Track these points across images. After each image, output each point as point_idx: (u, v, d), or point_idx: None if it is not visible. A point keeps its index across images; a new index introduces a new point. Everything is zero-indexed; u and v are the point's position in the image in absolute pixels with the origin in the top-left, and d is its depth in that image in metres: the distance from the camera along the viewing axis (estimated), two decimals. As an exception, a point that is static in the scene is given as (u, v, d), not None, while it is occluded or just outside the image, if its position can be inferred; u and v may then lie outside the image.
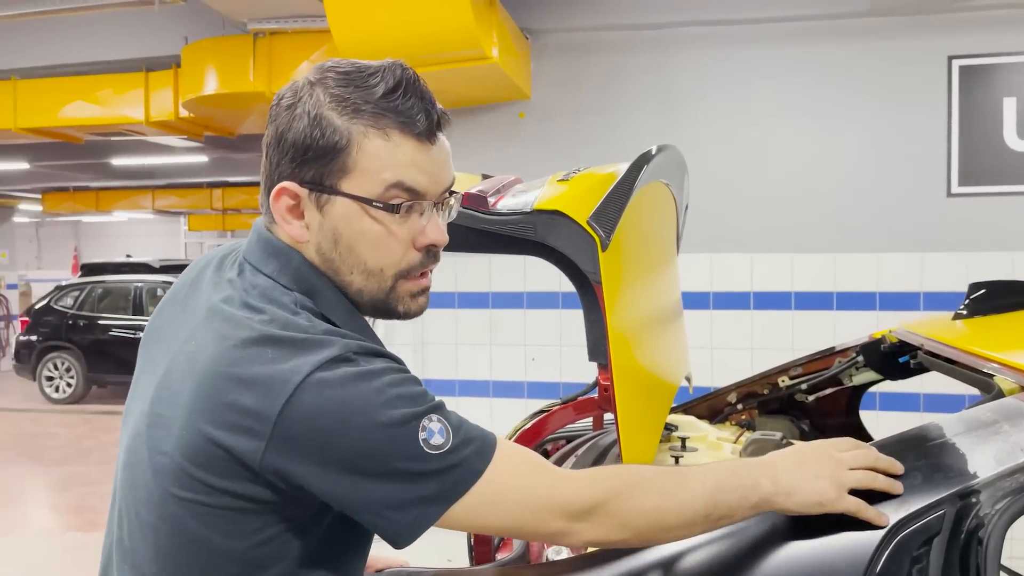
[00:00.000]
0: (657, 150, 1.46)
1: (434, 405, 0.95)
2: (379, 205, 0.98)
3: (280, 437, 0.89)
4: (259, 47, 4.54)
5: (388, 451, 0.90)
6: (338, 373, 0.91)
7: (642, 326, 1.39)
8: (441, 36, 3.83)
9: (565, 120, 4.92)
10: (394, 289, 1.03)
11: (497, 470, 0.95)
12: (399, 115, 0.98)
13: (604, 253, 1.18)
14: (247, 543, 0.95)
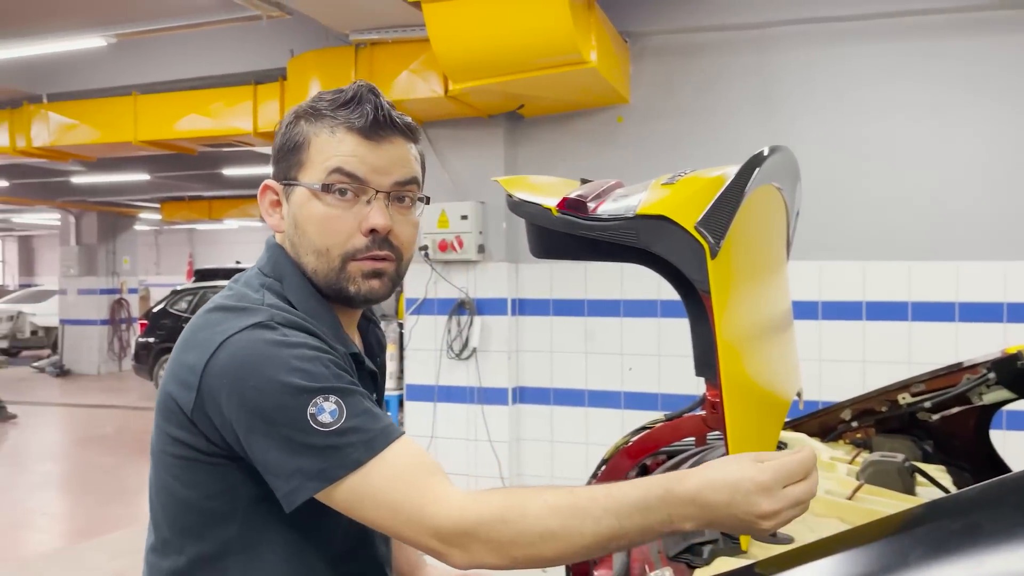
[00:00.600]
0: (770, 151, 1.37)
1: (337, 388, 1.02)
2: (318, 187, 1.13)
3: (204, 389, 1.03)
4: (360, 58, 4.62)
5: (276, 415, 1.00)
6: (254, 335, 1.04)
7: (753, 338, 1.30)
8: (539, 41, 3.80)
9: (665, 124, 4.81)
10: (344, 270, 1.15)
11: (378, 468, 0.99)
12: (347, 116, 1.14)
13: (713, 261, 1.11)
14: (200, 493, 1.08)
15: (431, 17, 3.82)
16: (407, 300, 5.30)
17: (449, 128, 5.07)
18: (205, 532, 1.09)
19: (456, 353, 5.10)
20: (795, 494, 0.93)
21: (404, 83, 4.53)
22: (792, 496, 0.93)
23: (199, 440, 1.06)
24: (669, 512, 0.94)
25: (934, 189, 4.26)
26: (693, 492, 0.93)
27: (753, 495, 0.91)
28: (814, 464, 0.96)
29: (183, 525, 1.10)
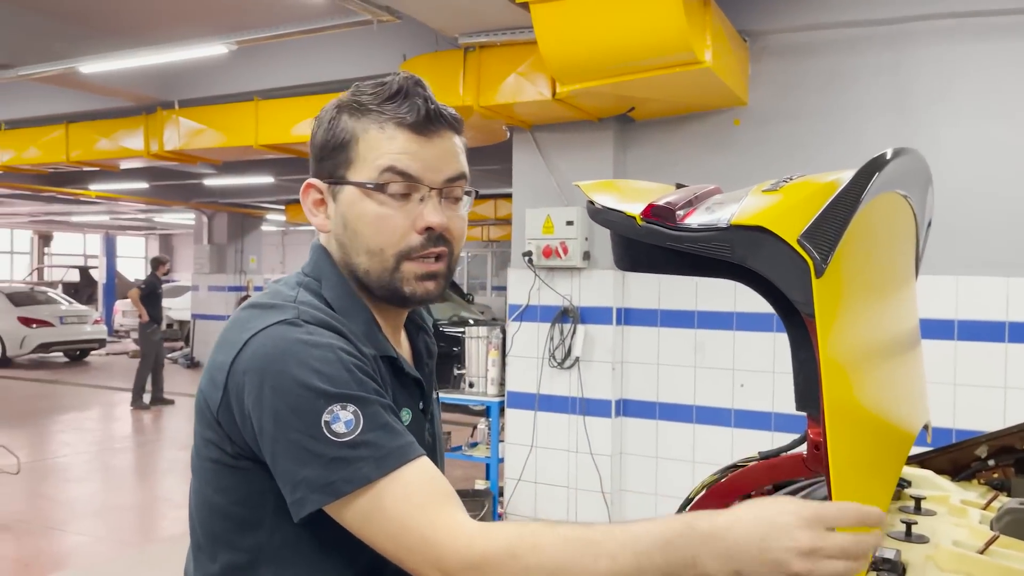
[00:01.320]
0: (893, 154, 1.20)
1: (357, 397, 0.96)
2: (371, 186, 1.08)
3: (230, 386, 1.00)
4: (469, 61, 4.59)
5: (290, 417, 0.95)
6: (278, 331, 1.00)
7: (868, 367, 1.13)
8: (650, 41, 3.65)
9: (785, 126, 4.55)
10: (398, 270, 1.10)
11: (388, 488, 0.93)
12: (396, 111, 1.09)
13: (819, 280, 0.96)
14: (228, 498, 1.04)
15: (539, 18, 3.74)
16: (511, 306, 5.24)
17: (557, 132, 4.98)
18: (235, 539, 1.05)
19: (558, 362, 4.99)
20: (842, 542, 0.81)
21: (512, 86, 4.47)
22: (838, 543, 0.81)
23: (225, 441, 1.03)
24: (693, 551, 0.84)
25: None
26: (722, 528, 0.84)
27: (794, 528, 0.82)
28: (879, 521, 0.84)
29: (215, 531, 1.07)
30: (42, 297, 15.50)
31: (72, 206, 16.45)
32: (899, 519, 1.48)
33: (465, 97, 4.60)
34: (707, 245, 1.06)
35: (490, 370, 5.57)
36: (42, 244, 25.49)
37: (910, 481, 1.81)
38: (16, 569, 4.80)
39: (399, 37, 5.06)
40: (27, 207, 17.50)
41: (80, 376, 13.76)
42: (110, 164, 7.85)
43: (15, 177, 10.64)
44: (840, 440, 0.96)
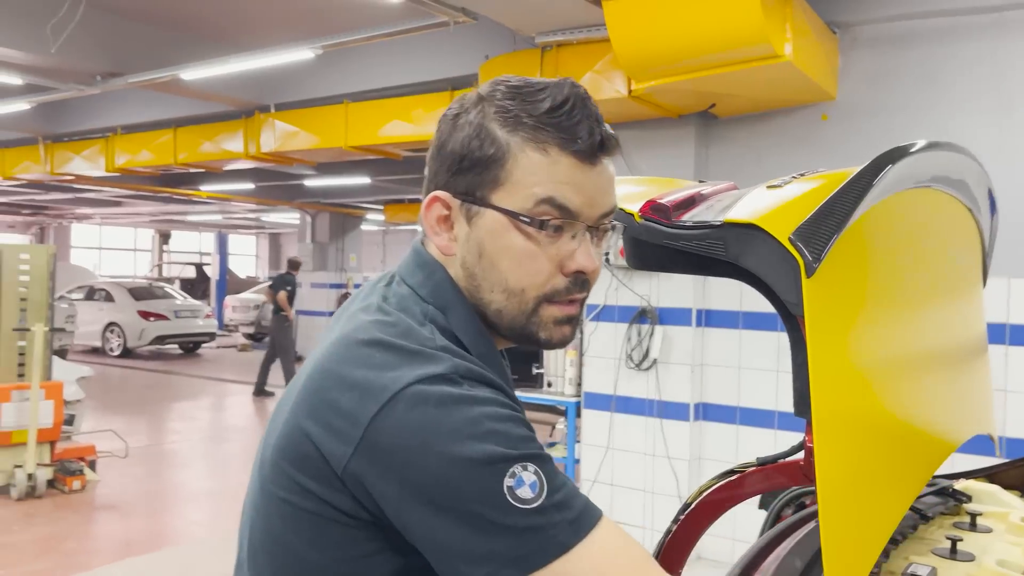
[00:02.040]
0: (921, 147, 1.13)
1: (535, 455, 0.84)
2: (526, 220, 0.93)
3: (366, 446, 0.84)
4: (546, 60, 4.60)
5: (465, 488, 0.81)
6: (436, 391, 0.84)
7: (881, 373, 1.07)
8: (726, 36, 3.56)
9: (877, 121, 4.34)
10: (536, 312, 0.97)
11: (589, 553, 0.82)
12: (560, 131, 0.93)
13: (810, 280, 0.91)
14: (328, 556, 0.90)
15: (611, 15, 3.71)
16: (588, 306, 5.21)
17: (636, 129, 4.92)
18: None
19: (635, 363, 4.93)
20: None
21: (588, 84, 4.44)
22: None
23: (344, 500, 0.87)
24: None
25: None
26: None
27: None
28: None
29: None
30: (159, 292, 16.46)
31: (187, 206, 17.41)
32: (945, 535, 1.40)
33: (542, 96, 4.60)
34: (701, 243, 1.03)
35: (568, 370, 5.57)
36: (162, 242, 27.08)
37: (970, 496, 1.70)
38: (119, 546, 5.12)
39: (479, 37, 5.12)
40: (148, 207, 18.65)
41: (192, 367, 14.54)
42: (214, 166, 8.26)
43: (134, 179, 11.35)
44: (829, 447, 0.91)
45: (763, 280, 1.00)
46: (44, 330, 5.95)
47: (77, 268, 19.79)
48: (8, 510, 5.62)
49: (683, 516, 1.22)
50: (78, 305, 14.98)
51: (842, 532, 0.90)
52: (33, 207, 20.13)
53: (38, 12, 5.30)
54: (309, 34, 5.14)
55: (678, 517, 1.22)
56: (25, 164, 9.99)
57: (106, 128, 8.64)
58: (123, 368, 14.01)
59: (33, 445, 5.83)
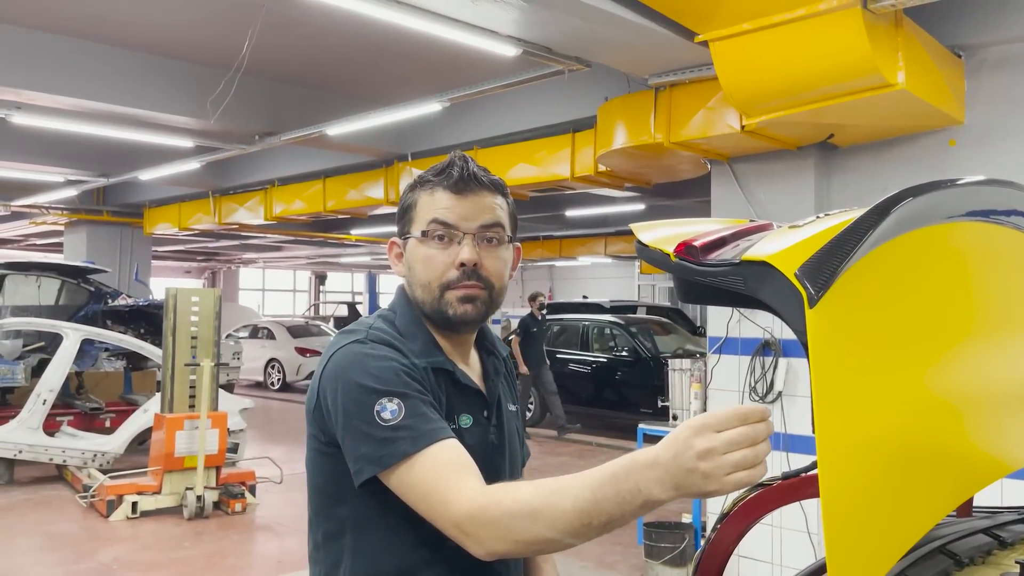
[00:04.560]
0: (946, 185, 1.21)
1: (401, 392, 1.24)
2: (420, 235, 1.39)
3: (319, 390, 1.31)
4: (660, 100, 4.73)
5: (352, 409, 1.24)
6: (351, 348, 1.31)
7: (904, 401, 1.15)
8: (832, 68, 3.58)
9: (1009, 144, 4.17)
10: (442, 298, 1.37)
11: (420, 461, 1.18)
12: (440, 179, 1.39)
13: (813, 311, 1.03)
14: (324, 478, 1.34)
15: (717, 54, 3.81)
16: (710, 339, 5.23)
17: (754, 163, 4.94)
18: (329, 512, 1.34)
19: (760, 396, 4.89)
20: (730, 435, 0.96)
21: (701, 121, 4.54)
22: (726, 438, 0.96)
23: (319, 432, 1.32)
24: (635, 479, 1.00)
25: None
26: (652, 456, 0.99)
27: (689, 438, 0.96)
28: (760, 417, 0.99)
29: (317, 506, 1.37)
30: (315, 329, 17.53)
31: (339, 249, 18.54)
32: (1015, 559, 1.43)
33: (656, 134, 4.73)
34: (725, 279, 1.16)
35: (692, 403, 5.58)
36: (318, 283, 28.85)
37: (1032, 536, 1.70)
38: (273, 564, 5.57)
39: (596, 81, 5.32)
40: (304, 251, 20.01)
41: (343, 400, 15.32)
42: (360, 212, 8.88)
43: (291, 226, 12.32)
44: (830, 469, 1.02)
45: (778, 312, 1.12)
46: (211, 365, 6.59)
47: (243, 308, 21.40)
48: (180, 528, 6.23)
49: (720, 525, 1.33)
50: (243, 343, 16.20)
51: (846, 551, 1.00)
52: (205, 254, 22.09)
53: (204, 84, 6.01)
54: (437, 89, 5.53)
55: (716, 526, 1.33)
56: (197, 216, 11.10)
57: (264, 181, 9.50)
58: (282, 401, 15.00)
59: (201, 470, 6.44)
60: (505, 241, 1.41)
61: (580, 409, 11.75)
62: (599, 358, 11.68)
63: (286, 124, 6.79)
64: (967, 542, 1.49)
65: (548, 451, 9.94)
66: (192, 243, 17.79)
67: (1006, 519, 1.66)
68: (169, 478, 6.49)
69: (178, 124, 6.70)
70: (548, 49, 4.29)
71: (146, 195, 11.80)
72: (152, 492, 6.50)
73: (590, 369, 11.65)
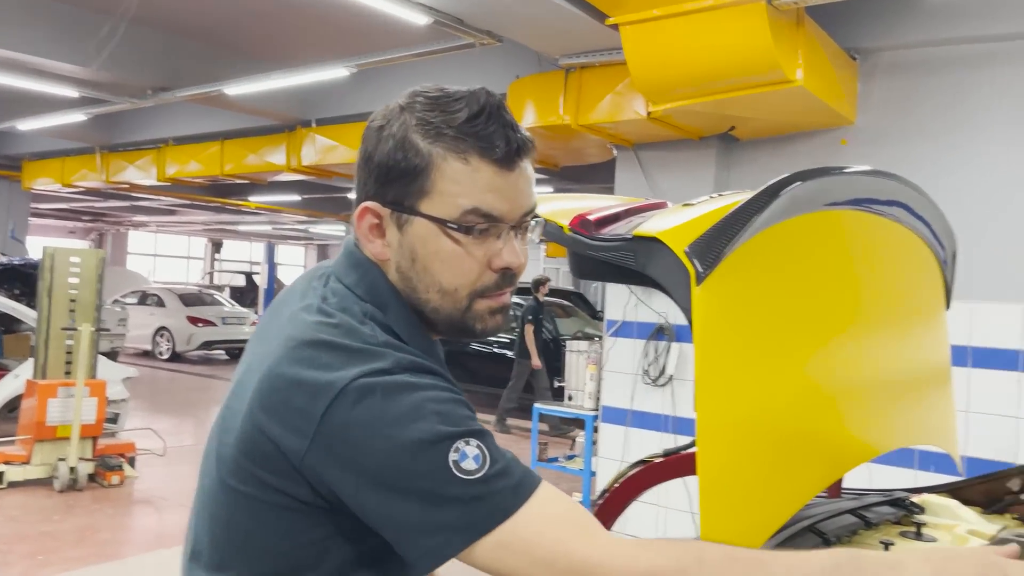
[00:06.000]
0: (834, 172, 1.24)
1: (476, 431, 0.91)
2: (454, 227, 0.99)
3: (320, 440, 0.91)
4: (570, 81, 4.74)
5: (413, 467, 0.88)
6: (381, 382, 0.91)
7: (785, 381, 1.17)
8: (737, 60, 3.66)
9: (897, 147, 4.37)
10: (470, 308, 1.03)
11: (531, 515, 0.89)
12: (479, 140, 0.98)
13: (699, 288, 1.03)
14: (293, 543, 0.98)
15: (627, 39, 3.83)
16: (608, 322, 5.30)
17: (659, 150, 5.02)
18: None
19: (652, 379, 5.00)
20: None
21: (609, 105, 4.57)
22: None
23: (302, 491, 0.94)
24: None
25: None
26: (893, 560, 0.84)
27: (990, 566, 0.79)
28: None
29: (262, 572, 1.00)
30: (208, 299, 16.92)
31: (238, 216, 17.91)
32: (880, 539, 1.48)
33: (565, 116, 4.74)
34: (616, 254, 1.15)
35: (588, 384, 5.67)
36: (213, 250, 27.83)
37: (924, 507, 1.78)
38: (152, 539, 5.35)
39: (507, 58, 5.28)
40: (200, 216, 19.25)
41: (235, 372, 14.89)
42: (259, 177, 8.58)
43: (186, 188, 11.80)
44: (711, 441, 1.02)
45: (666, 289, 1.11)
46: (91, 330, 6.24)
47: (132, 273, 20.43)
48: (50, 500, 5.90)
49: (602, 500, 1.33)
50: (131, 309, 15.48)
51: (721, 526, 1.01)
52: (92, 214, 20.95)
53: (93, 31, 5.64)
54: (345, 54, 5.37)
55: (597, 501, 1.33)
56: (82, 172, 10.48)
57: (158, 139, 9.05)
58: (171, 372, 14.43)
59: (76, 440, 6.10)
60: (537, 224, 1.09)
61: (481, 389, 11.79)
62: (500, 339, 11.72)
63: (182, 80, 6.46)
64: (835, 522, 1.54)
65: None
66: (77, 202, 16.83)
67: (872, 501, 1.73)
68: (40, 448, 6.12)
69: (62, 71, 6.27)
70: (460, 20, 4.21)
71: (26, 147, 11.03)
72: (21, 462, 6.12)
73: (491, 350, 11.68)
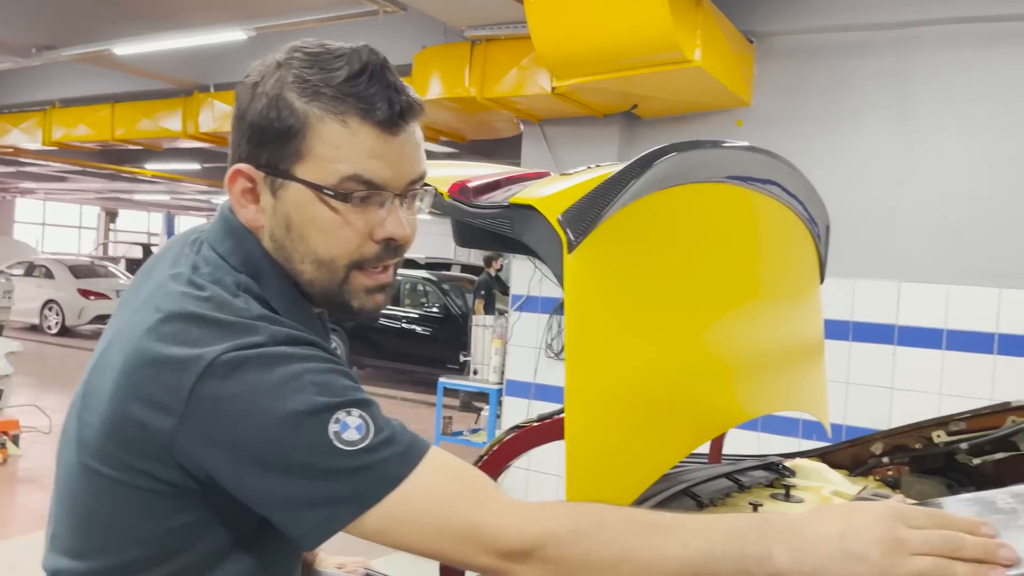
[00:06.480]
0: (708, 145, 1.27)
1: (358, 400, 0.86)
2: (330, 193, 0.93)
3: (190, 417, 0.85)
4: (475, 53, 4.71)
5: (292, 440, 0.83)
6: (254, 354, 0.86)
7: (655, 349, 1.20)
8: (638, 39, 3.71)
9: (789, 129, 4.54)
10: (347, 281, 0.98)
11: (419, 483, 0.85)
12: (360, 101, 0.91)
13: (571, 256, 1.05)
14: (162, 528, 0.92)
15: (532, 13, 3.83)
16: (513, 296, 5.35)
17: (564, 126, 5.06)
18: (155, 566, 0.93)
19: (555, 352, 5.08)
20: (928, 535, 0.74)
21: (514, 79, 4.57)
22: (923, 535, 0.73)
23: (173, 472, 0.88)
24: (768, 544, 0.77)
25: None
26: (798, 524, 0.79)
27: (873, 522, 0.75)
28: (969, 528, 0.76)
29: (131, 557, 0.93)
30: (102, 271, 16.18)
31: (133, 184, 17.13)
32: (750, 501, 1.55)
33: (470, 88, 4.71)
34: (493, 221, 1.15)
35: (493, 358, 5.71)
36: (108, 220, 26.58)
37: (794, 471, 1.87)
38: (36, 519, 5.12)
39: (413, 27, 5.20)
40: (93, 184, 18.31)
41: (131, 347, 14.31)
42: (154, 144, 8.21)
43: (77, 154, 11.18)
44: (578, 411, 1.04)
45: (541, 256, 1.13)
46: (-32, 302, 5.89)
47: (18, 243, 19.37)
48: (-76, 481, 5.58)
49: (479, 464, 1.35)
50: (17, 281, 14.66)
51: (585, 488, 1.03)
52: (-27, 179, 19.63)
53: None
54: (244, 17, 5.18)
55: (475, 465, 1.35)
56: (-39, 134, 9.80)
57: (44, 101, 8.53)
58: (60, 347, 13.77)
59: (-48, 417, 5.78)
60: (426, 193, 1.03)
61: (388, 364, 11.73)
62: (410, 313, 11.68)
63: (70, 38, 6.10)
64: (710, 485, 1.61)
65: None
66: (-44, 166, 15.75)
67: (747, 465, 1.81)
68: (-89, 426, 5.77)
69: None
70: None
71: None
72: None
73: (400, 324, 11.62)
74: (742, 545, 0.78)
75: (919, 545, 0.72)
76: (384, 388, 11.02)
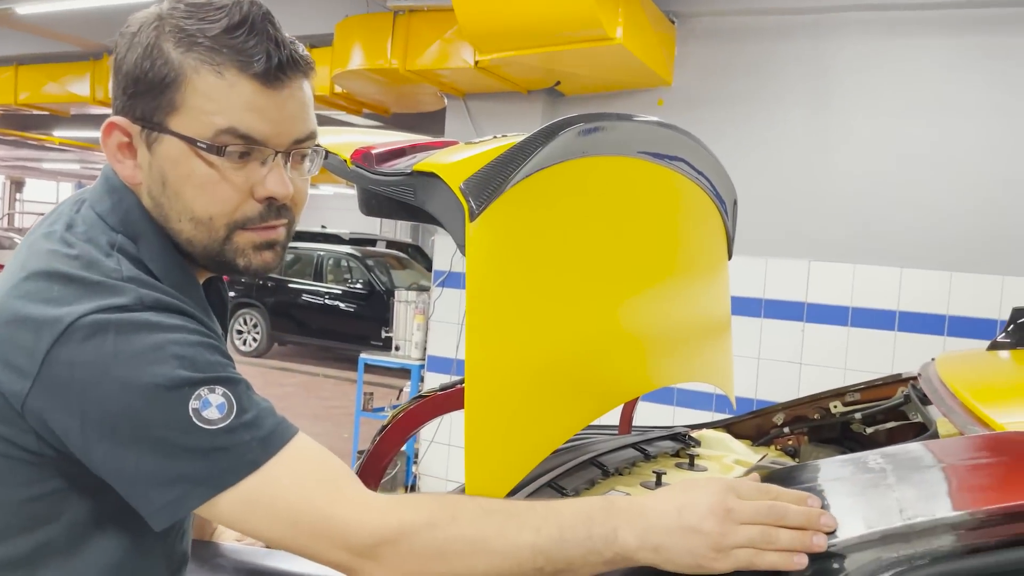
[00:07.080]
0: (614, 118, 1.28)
1: (224, 377, 0.84)
2: (204, 146, 0.89)
3: (43, 381, 0.82)
4: (398, 24, 4.63)
5: (147, 413, 0.81)
6: (115, 318, 0.82)
7: (556, 321, 1.21)
8: (560, 14, 3.70)
9: (708, 109, 4.61)
10: (230, 240, 0.94)
11: (277, 471, 0.83)
12: (237, 53, 0.89)
13: (473, 224, 1.04)
14: (21, 497, 0.88)
15: (454, -15, 3.79)
16: (435, 272, 5.32)
17: (487, 101, 5.03)
18: (18, 536, 0.89)
19: (477, 328, 5.08)
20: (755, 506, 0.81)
21: (437, 51, 4.52)
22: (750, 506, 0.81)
23: (27, 437, 0.85)
24: (613, 524, 0.82)
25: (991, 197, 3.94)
26: (639, 504, 0.85)
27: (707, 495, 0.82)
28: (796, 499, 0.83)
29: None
30: (7, 242, 15.42)
31: (41, 152, 16.33)
32: (653, 470, 1.59)
33: (392, 60, 4.64)
34: (396, 189, 1.14)
35: (415, 334, 5.67)
36: (14, 190, 25.31)
37: (700, 441, 1.92)
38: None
39: (337, -3, 5.08)
40: (-4, 151, 17.38)
41: (39, 323, 13.72)
42: (61, 109, 7.83)
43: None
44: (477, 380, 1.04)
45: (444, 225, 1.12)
46: None
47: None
48: None
49: (380, 436, 1.34)
50: (-89, 252, 13.87)
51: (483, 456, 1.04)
52: None
53: None
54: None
55: (376, 438, 1.34)
56: None
57: (-61, 61, 8.02)
58: (-40, 321, 13.10)
59: None
60: (315, 154, 0.99)
61: (311, 340, 11.56)
62: (333, 290, 11.53)
63: (-36, -6, 5.74)
64: (617, 455, 1.64)
65: (273, 382, 9.67)
66: None
67: (654, 436, 1.85)
68: None
69: None
70: (281, -49, 3.99)
71: None
72: None
73: (323, 300, 11.46)
74: (590, 527, 0.83)
75: (748, 515, 0.79)
76: (307, 365, 10.88)
